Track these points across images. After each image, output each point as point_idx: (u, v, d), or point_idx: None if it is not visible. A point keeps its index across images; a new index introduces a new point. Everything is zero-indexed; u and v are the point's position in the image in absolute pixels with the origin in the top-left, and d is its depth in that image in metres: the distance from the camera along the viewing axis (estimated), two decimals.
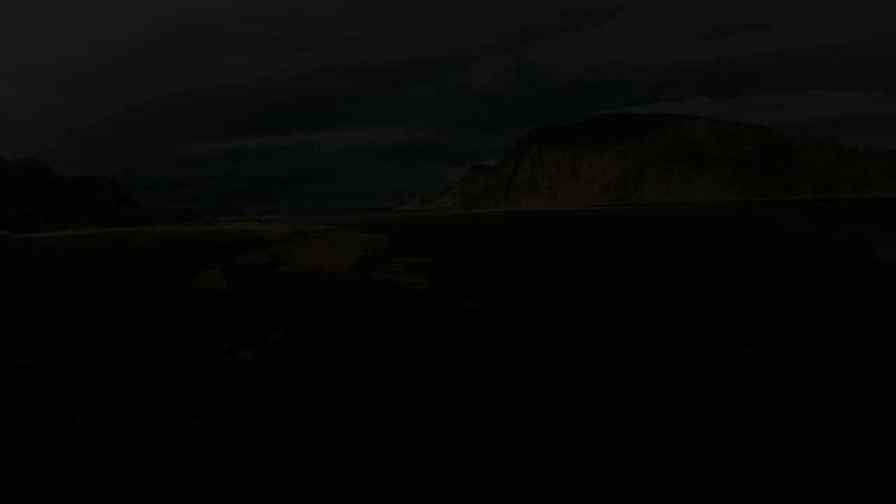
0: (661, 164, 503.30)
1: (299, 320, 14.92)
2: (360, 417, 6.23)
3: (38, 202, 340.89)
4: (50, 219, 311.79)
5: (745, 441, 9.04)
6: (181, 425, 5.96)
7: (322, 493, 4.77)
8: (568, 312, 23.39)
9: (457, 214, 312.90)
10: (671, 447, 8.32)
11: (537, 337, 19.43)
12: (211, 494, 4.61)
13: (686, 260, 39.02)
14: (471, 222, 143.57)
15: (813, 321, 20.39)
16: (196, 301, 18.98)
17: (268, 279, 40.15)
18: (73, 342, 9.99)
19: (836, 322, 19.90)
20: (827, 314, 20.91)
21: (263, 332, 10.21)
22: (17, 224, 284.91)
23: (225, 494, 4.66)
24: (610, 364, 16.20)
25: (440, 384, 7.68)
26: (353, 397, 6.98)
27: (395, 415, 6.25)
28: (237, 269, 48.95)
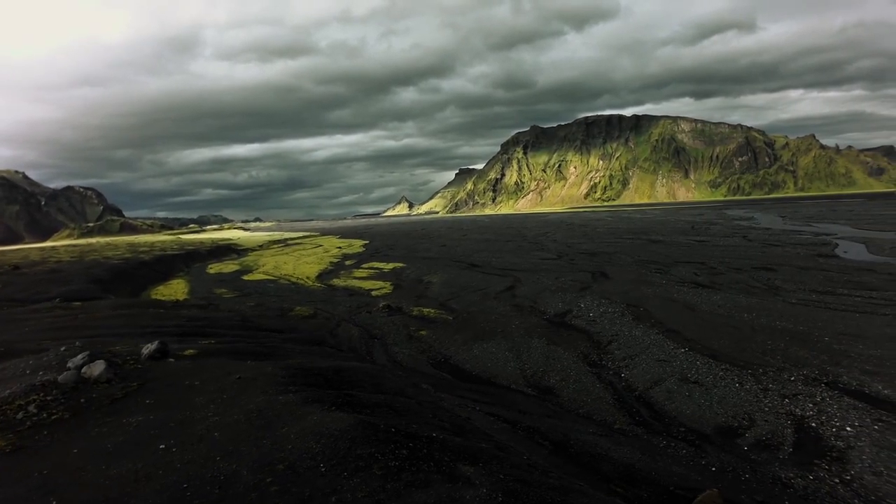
0: (646, 165, 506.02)
1: (210, 330, 14.61)
2: (180, 439, 5.99)
3: (20, 214, 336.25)
4: (32, 231, 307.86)
5: None
6: None
7: None
8: (518, 318, 23.22)
9: (442, 218, 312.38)
10: None
11: (477, 344, 19.25)
12: None
13: (647, 260, 39.04)
14: (454, 226, 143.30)
15: (730, 312, 20.75)
16: (131, 313, 18.56)
17: (229, 287, 39.70)
18: None
19: (746, 314, 20.17)
20: (749, 307, 21.16)
21: (142, 345, 9.94)
22: None
23: None
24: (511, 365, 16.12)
25: (307, 399, 7.39)
26: (188, 414, 6.74)
27: (224, 439, 5.99)
28: (203, 278, 48.42)
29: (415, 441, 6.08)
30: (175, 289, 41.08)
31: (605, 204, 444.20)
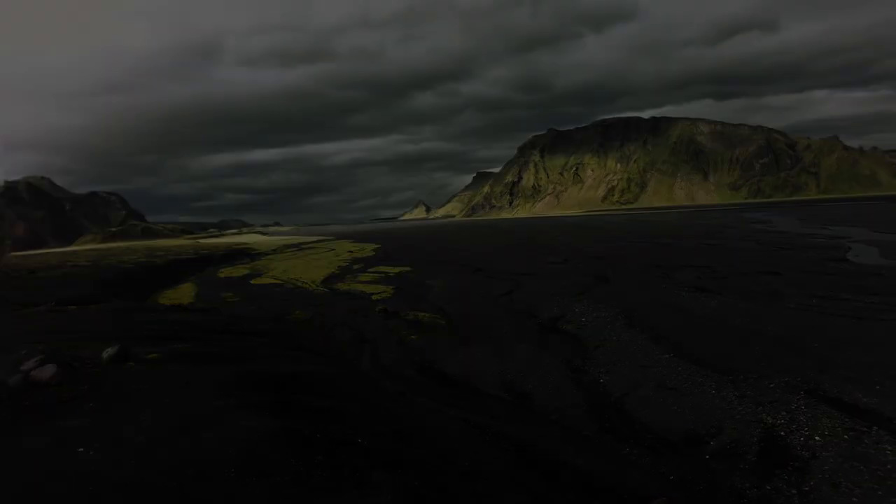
0: (665, 167, 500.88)
1: (190, 334, 14.79)
2: (102, 443, 6.06)
3: (46, 219, 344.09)
4: (56, 235, 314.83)
5: None
6: None
7: None
8: (511, 322, 23.17)
9: (458, 222, 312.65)
10: None
11: (463, 348, 19.23)
12: None
13: (653, 264, 38.62)
14: (469, 230, 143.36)
15: (724, 317, 20.45)
16: (120, 316, 18.88)
17: (235, 291, 40.16)
18: None
19: (740, 320, 19.84)
20: (745, 312, 20.83)
21: (103, 349, 10.08)
22: (24, 241, 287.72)
23: None
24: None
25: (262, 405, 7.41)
26: (122, 418, 6.82)
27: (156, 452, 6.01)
28: (212, 282, 49.05)
29: (336, 447, 6.10)
30: (182, 292, 41.68)
31: (623, 207, 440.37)
